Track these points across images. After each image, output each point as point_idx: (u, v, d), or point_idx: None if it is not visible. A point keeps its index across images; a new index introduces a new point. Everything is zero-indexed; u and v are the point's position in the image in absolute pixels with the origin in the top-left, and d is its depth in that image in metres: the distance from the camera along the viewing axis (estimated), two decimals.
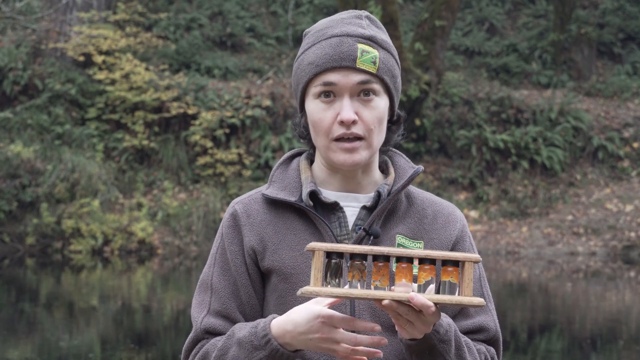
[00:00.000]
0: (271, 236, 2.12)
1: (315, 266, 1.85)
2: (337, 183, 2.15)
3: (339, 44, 2.07)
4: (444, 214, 2.18)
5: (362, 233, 2.09)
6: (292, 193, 2.14)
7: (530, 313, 10.70)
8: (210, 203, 15.40)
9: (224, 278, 2.13)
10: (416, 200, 2.18)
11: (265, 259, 2.11)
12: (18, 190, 14.95)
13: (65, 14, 17.44)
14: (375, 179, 2.17)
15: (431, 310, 1.85)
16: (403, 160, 2.20)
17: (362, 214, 2.12)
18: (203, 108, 16.40)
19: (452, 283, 1.88)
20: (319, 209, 2.13)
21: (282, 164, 2.21)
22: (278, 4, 20.23)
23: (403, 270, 1.87)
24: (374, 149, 2.10)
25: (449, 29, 17.03)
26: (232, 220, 2.15)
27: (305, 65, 2.10)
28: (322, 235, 2.09)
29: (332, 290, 1.85)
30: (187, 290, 12.34)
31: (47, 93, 16.40)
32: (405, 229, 2.13)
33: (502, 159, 16.77)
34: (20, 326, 9.42)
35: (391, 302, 1.85)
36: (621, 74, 19.32)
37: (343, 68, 2.06)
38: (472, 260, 1.87)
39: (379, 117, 2.09)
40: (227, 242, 2.15)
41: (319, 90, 2.08)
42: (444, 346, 1.99)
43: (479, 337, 2.13)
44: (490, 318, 2.15)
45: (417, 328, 1.91)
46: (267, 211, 2.14)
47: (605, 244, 15.17)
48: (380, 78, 2.08)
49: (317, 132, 2.10)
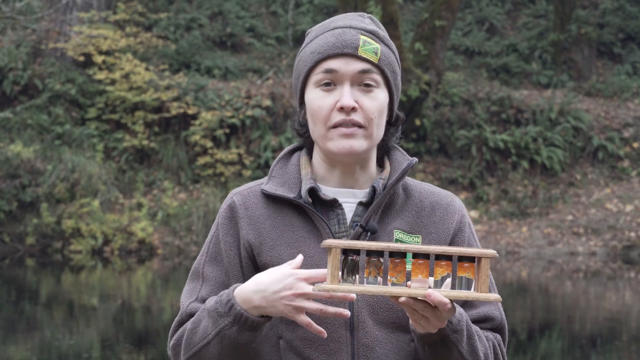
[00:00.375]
0: (269, 232, 2.11)
1: (332, 263, 1.85)
2: (335, 179, 2.14)
3: (341, 33, 2.09)
4: (442, 204, 2.16)
5: (359, 229, 2.08)
6: (291, 189, 2.13)
7: (530, 313, 10.70)
8: (210, 203, 15.40)
9: (216, 268, 2.14)
10: (414, 192, 2.17)
11: (262, 254, 2.10)
12: (18, 190, 14.95)
13: (65, 14, 17.44)
14: (372, 175, 2.16)
15: (447, 307, 1.86)
16: (399, 153, 2.19)
17: (358, 210, 2.12)
18: (203, 108, 16.40)
19: (468, 279, 1.89)
20: (318, 206, 2.12)
21: (282, 158, 2.21)
22: (278, 4, 20.23)
23: (419, 266, 1.88)
24: (373, 141, 2.09)
25: (449, 29, 17.03)
26: (229, 212, 2.15)
27: (307, 55, 2.11)
28: (320, 233, 2.09)
29: (349, 287, 1.86)
30: None
31: (47, 93, 16.40)
32: (402, 223, 2.12)
33: (502, 159, 16.77)
34: (20, 326, 9.42)
35: (408, 299, 1.86)
36: (621, 74, 19.32)
37: (345, 55, 2.06)
38: (488, 256, 1.88)
39: (379, 108, 2.08)
40: (222, 232, 2.15)
41: (320, 79, 2.07)
42: (457, 336, 2.00)
43: (485, 326, 2.14)
44: (495, 307, 2.15)
45: (432, 323, 1.92)
46: (266, 206, 2.14)
47: (605, 244, 15.17)
48: (381, 69, 2.08)
49: (315, 121, 2.09)
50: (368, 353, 2.06)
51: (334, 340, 2.06)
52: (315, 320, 2.03)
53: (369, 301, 2.07)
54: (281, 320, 2.09)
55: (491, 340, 2.13)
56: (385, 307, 2.08)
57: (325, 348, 2.06)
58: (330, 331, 2.06)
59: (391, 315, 2.08)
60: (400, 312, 2.08)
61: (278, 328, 2.10)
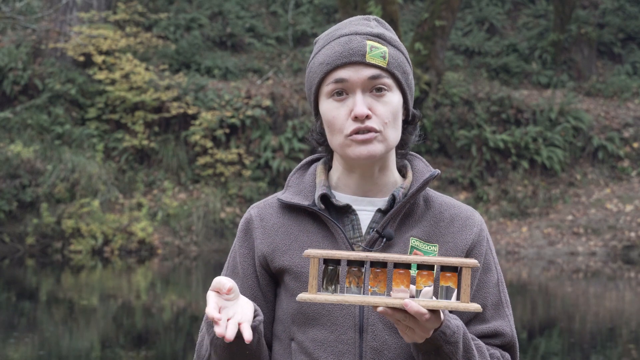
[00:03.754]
0: (282, 239, 2.13)
1: (311, 273, 1.87)
2: (353, 184, 2.15)
3: (347, 41, 2.09)
4: (461, 217, 2.16)
5: (374, 235, 2.08)
6: (306, 197, 2.15)
7: (530, 313, 10.70)
8: (210, 203, 15.40)
9: (232, 279, 2.15)
10: (434, 203, 2.17)
11: (275, 260, 2.12)
12: (18, 190, 14.95)
13: (65, 14, 17.44)
14: (392, 180, 2.16)
15: (425, 317, 1.85)
16: (422, 164, 2.19)
17: (376, 217, 2.12)
18: (203, 108, 16.40)
19: (449, 288, 1.87)
20: (332, 213, 2.13)
21: (299, 169, 2.23)
22: (278, 4, 20.23)
23: (400, 276, 1.87)
24: (390, 144, 2.10)
25: (449, 29, 17.03)
26: (245, 224, 2.19)
27: (316, 67, 2.12)
28: (335, 238, 2.10)
29: (327, 297, 1.86)
30: (187, 290, 12.35)
31: (47, 93, 16.40)
32: (419, 231, 2.12)
33: (502, 159, 16.77)
34: (20, 326, 9.42)
35: (386, 309, 1.85)
36: (621, 74, 19.32)
37: (353, 64, 2.07)
38: (469, 266, 1.85)
39: (393, 112, 2.09)
40: (238, 245, 2.19)
41: (331, 89, 2.08)
42: (451, 347, 1.98)
43: (494, 342, 2.13)
44: (506, 323, 2.14)
45: (417, 333, 1.91)
46: (281, 215, 2.16)
47: (605, 244, 15.17)
48: (391, 72, 2.09)
49: (332, 132, 2.10)
50: (376, 356, 2.07)
51: (342, 341, 2.07)
52: (325, 320, 2.06)
53: None
54: (293, 322, 2.11)
55: (497, 357, 2.11)
56: None
57: (334, 349, 2.07)
58: (340, 333, 2.07)
59: None
60: None
61: (290, 330, 2.12)
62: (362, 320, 2.07)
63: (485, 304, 2.13)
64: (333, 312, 2.07)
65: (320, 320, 2.06)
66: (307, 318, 2.08)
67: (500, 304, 2.15)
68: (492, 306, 2.14)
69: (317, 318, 2.07)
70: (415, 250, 2.10)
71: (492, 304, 2.14)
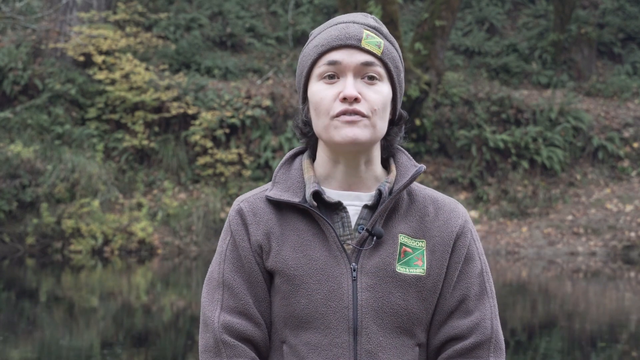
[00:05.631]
0: (277, 235, 2.10)
1: None
2: (339, 176, 2.13)
3: (345, 27, 2.10)
4: (445, 210, 2.16)
5: (365, 234, 2.08)
6: (295, 194, 2.12)
7: (530, 313, 10.70)
8: (210, 203, 15.40)
9: (238, 275, 2.11)
10: (418, 197, 2.16)
11: (269, 259, 2.10)
12: (18, 190, 14.95)
13: (65, 14, 17.44)
14: (376, 174, 2.15)
15: None
16: (405, 157, 2.18)
17: (363, 213, 2.11)
18: (203, 108, 16.39)
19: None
20: (322, 209, 2.11)
21: (284, 163, 2.19)
22: (278, 4, 20.23)
23: None
24: (376, 133, 2.08)
25: (449, 29, 17.02)
26: (239, 218, 2.13)
27: (311, 49, 2.11)
28: (326, 236, 2.08)
29: None
30: (187, 290, 12.34)
31: (47, 93, 16.39)
32: (407, 227, 2.11)
33: (502, 159, 16.77)
34: (20, 326, 9.42)
35: None
36: (621, 74, 19.32)
37: (348, 47, 2.07)
38: None
39: (383, 101, 2.08)
40: (238, 238, 2.12)
41: (323, 71, 2.07)
42: None
43: (474, 340, 2.09)
44: (487, 315, 2.11)
45: None
46: (272, 211, 2.13)
47: (605, 244, 15.17)
48: (384, 62, 2.09)
49: (318, 114, 2.08)
50: (370, 359, 2.05)
51: (336, 345, 2.05)
52: (319, 324, 2.03)
53: (374, 306, 2.06)
54: (285, 325, 2.08)
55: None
56: (390, 311, 2.06)
57: (328, 353, 2.05)
58: (334, 336, 2.05)
59: (396, 320, 2.07)
60: (405, 317, 2.07)
61: (282, 333, 2.09)
62: (356, 323, 2.04)
63: (467, 295, 2.11)
64: (327, 315, 2.04)
65: (313, 324, 2.04)
66: (300, 321, 2.06)
67: (483, 294, 2.12)
68: (475, 296, 2.11)
69: (311, 321, 2.05)
70: (404, 247, 2.09)
71: (475, 295, 2.11)
